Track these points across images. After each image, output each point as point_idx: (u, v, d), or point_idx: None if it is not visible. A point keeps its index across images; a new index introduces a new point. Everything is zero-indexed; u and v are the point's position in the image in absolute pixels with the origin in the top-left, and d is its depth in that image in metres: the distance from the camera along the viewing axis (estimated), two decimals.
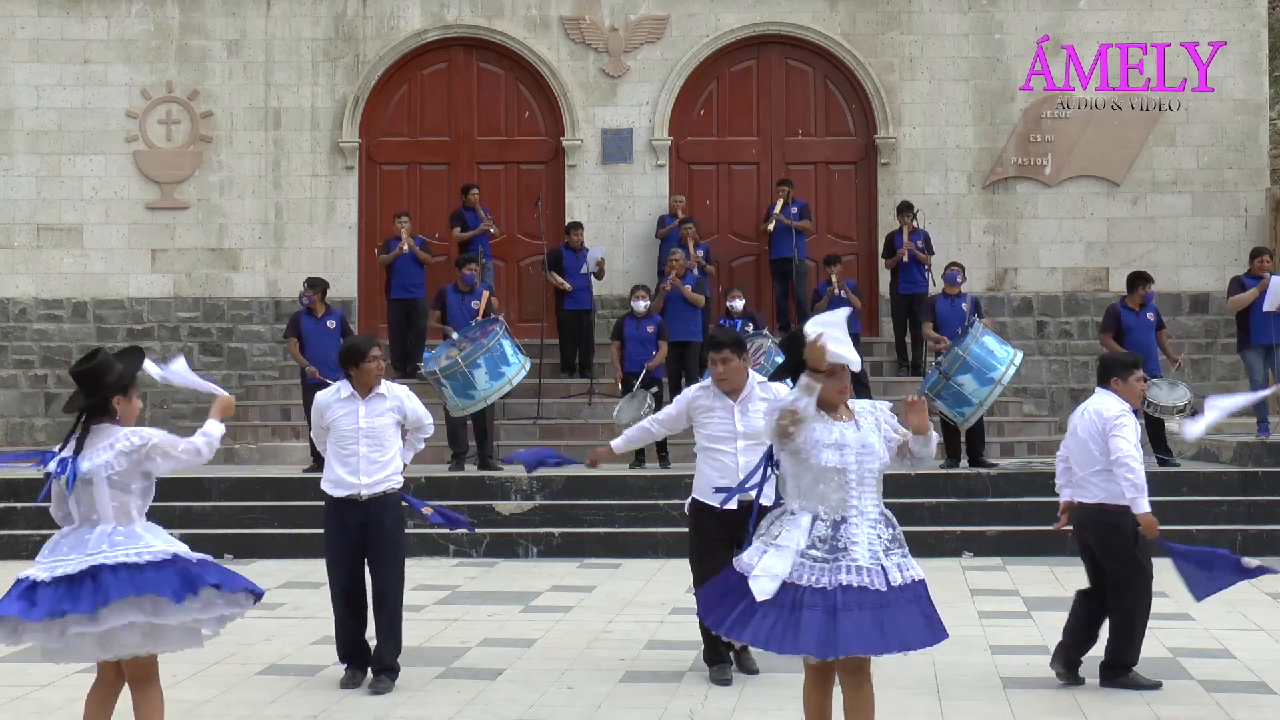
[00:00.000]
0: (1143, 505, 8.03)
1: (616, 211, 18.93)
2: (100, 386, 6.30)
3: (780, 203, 17.99)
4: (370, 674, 8.52)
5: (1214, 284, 18.44)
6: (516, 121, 19.24)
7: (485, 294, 15.66)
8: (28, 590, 6.10)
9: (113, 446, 6.23)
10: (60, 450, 6.29)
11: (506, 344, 14.55)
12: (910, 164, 18.88)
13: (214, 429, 6.44)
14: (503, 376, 14.41)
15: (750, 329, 15.31)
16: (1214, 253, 18.69)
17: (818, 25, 18.94)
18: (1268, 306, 15.08)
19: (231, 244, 18.91)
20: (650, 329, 15.62)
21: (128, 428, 6.33)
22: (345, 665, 8.61)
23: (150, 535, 6.25)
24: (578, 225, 17.90)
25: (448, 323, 15.34)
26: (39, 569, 6.15)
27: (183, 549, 6.28)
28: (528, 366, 14.86)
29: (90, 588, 6.03)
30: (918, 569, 5.98)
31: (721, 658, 8.45)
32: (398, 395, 8.62)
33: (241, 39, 19.00)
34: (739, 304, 15.73)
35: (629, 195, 18.94)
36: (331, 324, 15.32)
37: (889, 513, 6.04)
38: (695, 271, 16.53)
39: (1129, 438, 8.10)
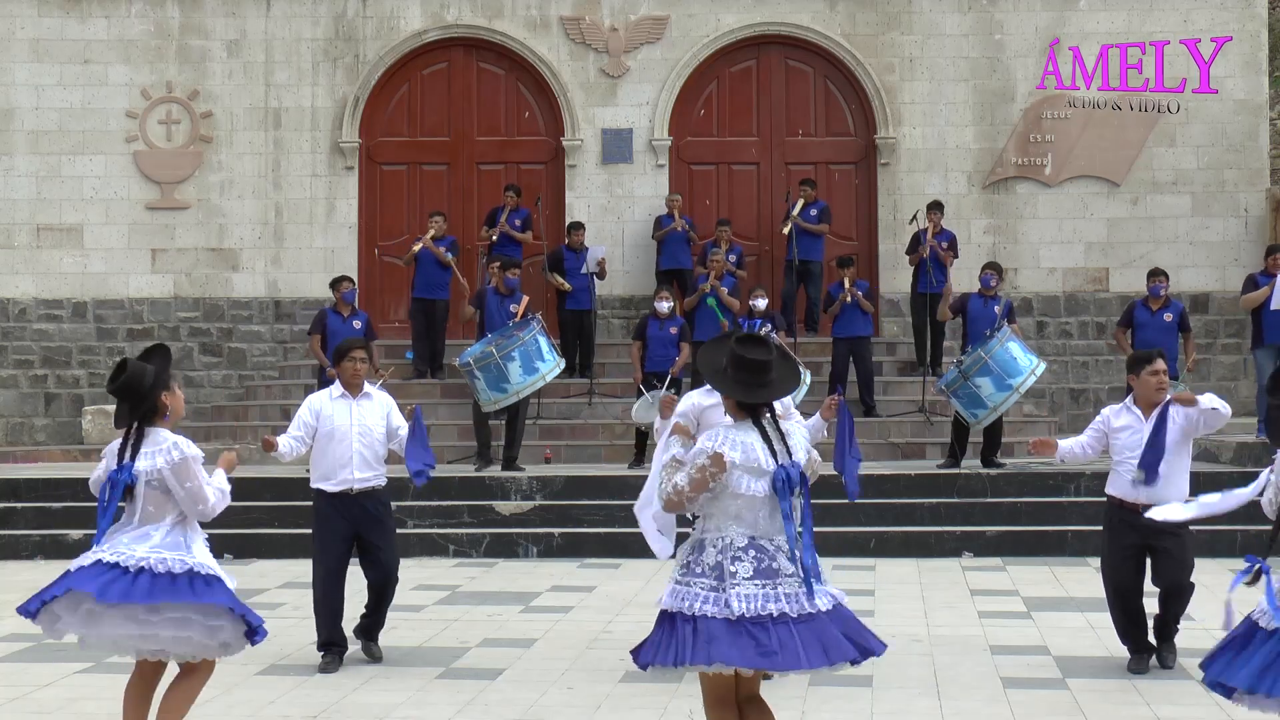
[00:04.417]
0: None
1: (616, 211, 18.92)
2: (144, 394, 6.40)
3: (801, 204, 17.96)
4: (363, 649, 9.16)
5: (1214, 284, 18.43)
6: (516, 121, 19.22)
7: (525, 300, 15.67)
8: (94, 569, 6.21)
9: (158, 454, 6.37)
10: (119, 461, 6.41)
11: (543, 340, 14.73)
12: (910, 164, 18.87)
13: (222, 481, 6.55)
14: (536, 372, 14.55)
15: (769, 328, 15.27)
16: (1214, 253, 18.68)
17: (818, 25, 18.92)
18: (1275, 304, 15.08)
19: (231, 244, 18.90)
20: (673, 330, 15.52)
21: (176, 436, 6.46)
22: (323, 652, 8.98)
23: (183, 546, 6.37)
24: (578, 225, 17.88)
25: (486, 323, 15.39)
26: (104, 551, 6.27)
27: (202, 566, 6.37)
28: (562, 365, 15.08)
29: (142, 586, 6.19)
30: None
31: None
32: (386, 402, 9.21)
33: (241, 39, 18.99)
34: (762, 303, 15.55)
35: (629, 195, 18.93)
36: (357, 324, 15.45)
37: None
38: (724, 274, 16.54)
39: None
